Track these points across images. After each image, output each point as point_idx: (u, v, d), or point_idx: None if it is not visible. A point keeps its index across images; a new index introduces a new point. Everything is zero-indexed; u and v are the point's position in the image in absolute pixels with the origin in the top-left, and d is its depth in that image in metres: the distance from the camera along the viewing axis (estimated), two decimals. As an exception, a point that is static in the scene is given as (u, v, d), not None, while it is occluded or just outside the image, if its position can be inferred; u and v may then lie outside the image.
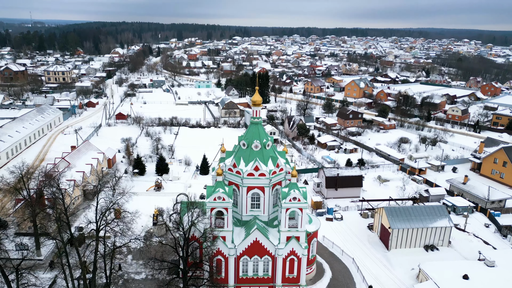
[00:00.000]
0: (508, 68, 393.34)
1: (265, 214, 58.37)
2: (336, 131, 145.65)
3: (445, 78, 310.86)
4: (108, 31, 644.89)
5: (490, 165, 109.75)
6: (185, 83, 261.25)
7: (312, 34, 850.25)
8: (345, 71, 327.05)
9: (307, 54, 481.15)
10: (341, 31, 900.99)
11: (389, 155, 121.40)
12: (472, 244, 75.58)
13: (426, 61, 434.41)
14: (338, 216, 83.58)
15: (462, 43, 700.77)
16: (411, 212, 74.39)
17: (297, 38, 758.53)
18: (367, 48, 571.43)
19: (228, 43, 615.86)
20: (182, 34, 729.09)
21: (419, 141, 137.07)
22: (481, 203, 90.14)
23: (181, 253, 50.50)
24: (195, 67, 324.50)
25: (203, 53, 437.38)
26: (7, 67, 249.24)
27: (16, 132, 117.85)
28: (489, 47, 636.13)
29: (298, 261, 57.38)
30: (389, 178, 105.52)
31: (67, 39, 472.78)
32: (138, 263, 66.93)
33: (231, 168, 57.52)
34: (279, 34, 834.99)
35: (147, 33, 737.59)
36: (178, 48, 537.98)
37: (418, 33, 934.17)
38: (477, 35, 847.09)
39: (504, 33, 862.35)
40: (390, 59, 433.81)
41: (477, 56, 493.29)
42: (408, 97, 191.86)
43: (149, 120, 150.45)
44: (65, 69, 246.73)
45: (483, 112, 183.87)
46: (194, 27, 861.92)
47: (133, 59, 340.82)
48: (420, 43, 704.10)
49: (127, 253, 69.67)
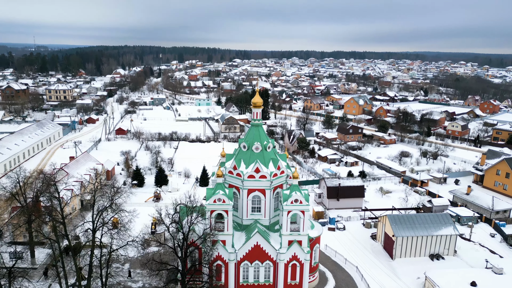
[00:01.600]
0: (506, 88, 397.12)
1: (266, 218, 57.05)
2: (337, 146, 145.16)
3: (443, 97, 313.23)
4: (110, 54, 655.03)
5: (493, 177, 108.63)
6: (185, 101, 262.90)
7: (310, 56, 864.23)
8: (344, 90, 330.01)
9: (306, 75, 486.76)
10: (339, 54, 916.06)
11: (390, 168, 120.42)
12: (478, 253, 73.70)
13: (424, 81, 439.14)
14: (340, 226, 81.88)
15: (458, 65, 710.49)
16: (415, 220, 72.89)
17: (296, 60, 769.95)
18: (365, 70, 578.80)
19: (228, 65, 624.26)
20: (183, 57, 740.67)
21: (420, 155, 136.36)
22: (485, 213, 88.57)
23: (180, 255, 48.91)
24: (196, 86, 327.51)
25: (204, 74, 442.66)
26: (8, 86, 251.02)
27: (15, 145, 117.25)
28: (485, 69, 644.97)
29: (301, 266, 55.61)
30: (391, 189, 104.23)
31: (69, 61, 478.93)
32: (135, 272, 65.08)
33: (231, 171, 56.64)
34: (278, 57, 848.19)
35: (148, 56, 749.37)
36: (179, 69, 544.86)
37: (415, 56, 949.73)
38: (473, 58, 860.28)
39: (500, 56, 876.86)
40: (388, 79, 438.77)
41: (474, 76, 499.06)
42: (407, 114, 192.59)
43: (149, 135, 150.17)
44: (66, 87, 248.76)
45: (482, 128, 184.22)
46: (195, 50, 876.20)
47: (134, 79, 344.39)
48: (417, 65, 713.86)
49: (123, 261, 68.00)
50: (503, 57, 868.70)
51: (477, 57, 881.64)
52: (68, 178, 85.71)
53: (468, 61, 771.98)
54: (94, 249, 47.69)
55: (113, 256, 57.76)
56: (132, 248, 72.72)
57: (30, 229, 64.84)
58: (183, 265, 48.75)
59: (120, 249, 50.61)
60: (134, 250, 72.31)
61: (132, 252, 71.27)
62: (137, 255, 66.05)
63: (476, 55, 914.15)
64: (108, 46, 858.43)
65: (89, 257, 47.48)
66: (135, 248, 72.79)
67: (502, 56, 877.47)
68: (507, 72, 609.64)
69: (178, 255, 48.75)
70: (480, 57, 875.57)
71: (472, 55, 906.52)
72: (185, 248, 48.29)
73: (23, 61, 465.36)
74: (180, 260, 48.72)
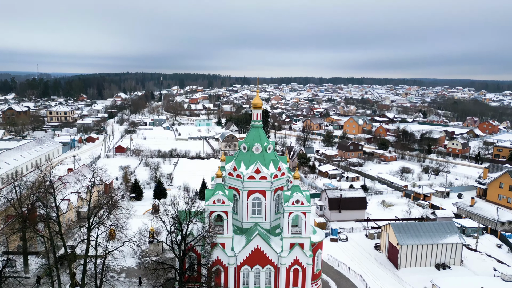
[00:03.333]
0: (504, 111, 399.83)
1: (267, 221, 55.57)
2: (337, 162, 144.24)
3: (442, 119, 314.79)
4: (111, 80, 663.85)
5: (496, 190, 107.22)
6: (185, 123, 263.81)
7: (309, 82, 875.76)
8: (343, 113, 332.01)
9: (305, 99, 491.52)
10: (337, 80, 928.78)
11: (392, 183, 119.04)
12: (486, 263, 71.55)
13: (422, 105, 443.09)
14: (343, 237, 79.94)
15: (456, 90, 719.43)
16: (419, 228, 71.23)
17: (295, 85, 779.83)
18: (364, 94, 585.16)
19: (229, 90, 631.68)
20: (184, 82, 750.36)
21: (422, 171, 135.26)
22: (490, 225, 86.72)
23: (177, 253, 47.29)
24: (196, 109, 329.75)
25: (204, 98, 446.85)
26: (10, 108, 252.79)
27: (13, 160, 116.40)
28: (482, 93, 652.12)
29: (303, 271, 53.65)
30: (394, 203, 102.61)
31: (71, 86, 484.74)
32: (132, 281, 62.90)
33: (231, 172, 55.71)
34: (278, 83, 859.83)
35: (149, 82, 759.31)
36: (180, 94, 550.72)
37: (413, 82, 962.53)
38: (469, 83, 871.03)
39: (496, 82, 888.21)
40: (386, 103, 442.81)
41: (471, 100, 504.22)
42: (407, 133, 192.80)
43: (148, 152, 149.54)
44: (67, 109, 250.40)
45: (483, 146, 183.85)
46: (195, 76, 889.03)
47: (135, 102, 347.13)
48: (415, 90, 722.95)
49: (120, 271, 65.84)
50: (499, 82, 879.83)
51: (474, 82, 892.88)
52: (66, 189, 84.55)
53: (465, 87, 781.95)
54: (89, 247, 46.08)
55: (109, 266, 56.03)
56: (129, 258, 71.65)
57: (24, 236, 63.25)
58: (181, 264, 47.01)
59: (116, 250, 48.79)
60: (131, 260, 70.89)
61: (129, 260, 69.53)
62: (134, 256, 63.92)
63: (473, 81, 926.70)
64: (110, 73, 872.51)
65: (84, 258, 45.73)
66: (131, 258, 71.99)
67: (499, 82, 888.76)
68: (504, 96, 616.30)
69: (176, 254, 47.13)
70: (477, 82, 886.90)
71: (469, 81, 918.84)
72: (184, 246, 46.75)
73: (26, 85, 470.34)
74: (178, 259, 47.04)
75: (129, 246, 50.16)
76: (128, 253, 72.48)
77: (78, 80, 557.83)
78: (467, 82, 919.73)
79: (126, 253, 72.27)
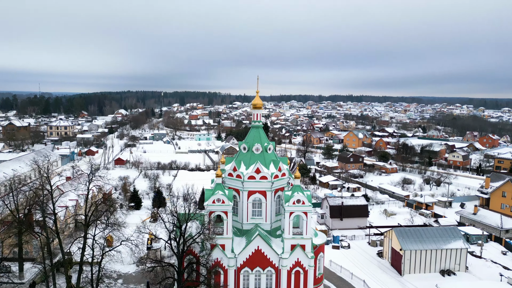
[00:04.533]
0: (503, 127, 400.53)
1: (267, 222, 54.55)
2: (338, 174, 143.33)
3: (442, 133, 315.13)
4: (112, 97, 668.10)
5: (499, 199, 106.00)
6: (186, 137, 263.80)
7: (308, 100, 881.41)
8: (342, 128, 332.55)
9: (304, 115, 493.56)
10: (336, 98, 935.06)
11: (394, 193, 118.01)
12: (491, 269, 70.01)
13: (421, 120, 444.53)
14: (345, 244, 78.47)
15: (454, 107, 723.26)
16: (422, 233, 70.00)
17: (295, 103, 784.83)
18: (363, 111, 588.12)
19: (229, 107, 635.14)
20: (184, 100, 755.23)
21: (423, 182, 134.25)
22: (495, 232, 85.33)
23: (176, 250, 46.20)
24: (196, 124, 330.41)
25: (204, 114, 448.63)
26: (10, 123, 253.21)
27: (11, 170, 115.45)
28: (481, 110, 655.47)
29: (305, 274, 52.27)
30: (396, 212, 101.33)
31: (72, 103, 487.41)
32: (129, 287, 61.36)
33: (231, 173, 55.04)
34: (277, 100, 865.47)
35: (150, 100, 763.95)
36: (180, 111, 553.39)
37: (411, 99, 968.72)
38: (468, 101, 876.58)
39: (494, 99, 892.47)
40: (386, 119, 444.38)
41: (470, 116, 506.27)
42: (407, 146, 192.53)
43: (148, 164, 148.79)
44: (67, 123, 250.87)
45: (483, 159, 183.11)
46: (196, 94, 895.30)
47: (136, 118, 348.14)
48: (414, 107, 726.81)
49: (117, 277, 64.39)
50: (498, 100, 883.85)
51: (472, 100, 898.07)
52: (64, 196, 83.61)
53: (463, 104, 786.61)
54: (86, 243, 45.09)
55: (106, 272, 54.81)
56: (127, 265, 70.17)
57: (21, 240, 62.07)
58: (179, 262, 45.83)
59: (113, 249, 47.71)
60: (129, 267, 69.39)
61: (127, 267, 68.17)
62: (130, 271, 62.60)
63: (471, 99, 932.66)
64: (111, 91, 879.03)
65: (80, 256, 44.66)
66: (129, 265, 70.49)
67: (497, 100, 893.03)
68: (503, 113, 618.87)
69: (175, 251, 46.06)
70: (475, 100, 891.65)
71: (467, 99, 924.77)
72: (183, 243, 45.73)
73: (27, 103, 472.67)
74: (177, 257, 45.93)
75: (127, 245, 48.94)
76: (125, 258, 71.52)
77: (79, 98, 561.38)
78: (466, 100, 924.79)
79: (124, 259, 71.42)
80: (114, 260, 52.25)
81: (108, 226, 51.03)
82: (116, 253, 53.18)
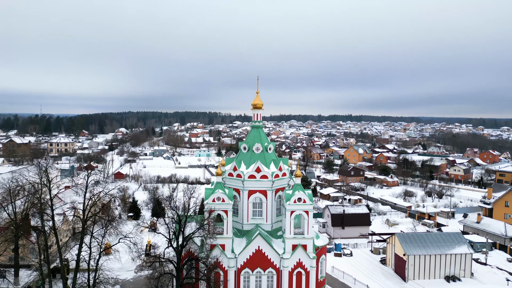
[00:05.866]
0: (503, 145, 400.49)
1: (268, 222, 53.75)
2: (339, 187, 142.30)
3: (442, 150, 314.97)
4: (113, 117, 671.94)
5: (502, 209, 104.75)
6: (186, 153, 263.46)
7: (308, 119, 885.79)
8: (342, 145, 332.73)
9: (304, 134, 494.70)
10: (336, 117, 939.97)
11: (395, 204, 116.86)
12: (497, 276, 68.37)
13: (421, 138, 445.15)
14: (347, 252, 77.02)
15: (454, 126, 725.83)
16: (426, 238, 68.84)
17: (294, 122, 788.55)
18: (362, 130, 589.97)
19: (229, 126, 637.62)
20: (184, 120, 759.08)
21: (425, 194, 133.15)
22: (499, 240, 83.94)
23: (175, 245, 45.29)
24: (196, 142, 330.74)
25: (205, 133, 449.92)
26: (10, 140, 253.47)
27: (10, 182, 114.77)
28: (480, 129, 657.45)
29: (306, 275, 51.05)
30: (398, 221, 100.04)
31: (73, 122, 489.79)
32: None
33: (231, 173, 54.65)
34: (277, 120, 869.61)
35: (151, 120, 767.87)
36: (181, 130, 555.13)
37: (410, 119, 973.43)
38: (467, 120, 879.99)
39: (493, 119, 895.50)
40: (385, 137, 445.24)
41: (470, 134, 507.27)
42: (408, 161, 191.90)
43: (148, 178, 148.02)
44: (68, 140, 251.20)
45: (485, 173, 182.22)
46: (196, 114, 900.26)
47: (136, 136, 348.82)
48: (413, 126, 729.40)
49: (114, 283, 62.81)
50: (496, 120, 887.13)
51: (471, 120, 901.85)
52: (62, 204, 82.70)
53: (462, 123, 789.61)
54: (84, 236, 44.29)
55: (103, 279, 53.59)
56: (124, 271, 68.62)
57: (17, 244, 60.98)
58: (178, 258, 44.83)
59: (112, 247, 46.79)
60: (126, 273, 67.85)
61: (125, 273, 66.73)
62: (128, 277, 61.08)
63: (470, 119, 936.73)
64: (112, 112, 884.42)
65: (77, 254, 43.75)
66: (126, 272, 68.93)
67: (496, 120, 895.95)
68: (502, 131, 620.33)
69: (173, 246, 45.16)
70: (474, 120, 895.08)
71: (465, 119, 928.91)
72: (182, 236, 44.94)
73: (28, 122, 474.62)
74: (176, 252, 44.98)
75: (125, 243, 48.10)
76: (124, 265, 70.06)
77: (80, 117, 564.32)
78: (464, 120, 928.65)
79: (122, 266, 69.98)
80: (113, 260, 50.93)
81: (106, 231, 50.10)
82: (114, 253, 51.86)
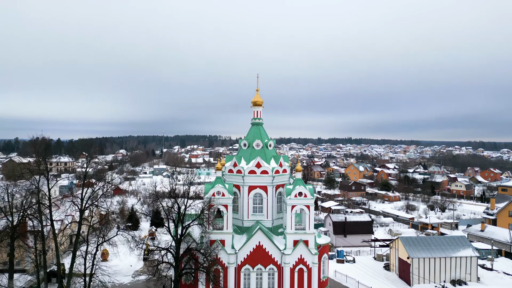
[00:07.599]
0: (503, 165, 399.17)
1: (269, 219, 52.92)
2: (340, 201, 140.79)
3: (443, 170, 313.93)
4: (114, 141, 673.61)
5: (506, 220, 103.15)
6: (185, 173, 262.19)
7: (308, 142, 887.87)
8: (343, 165, 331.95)
9: (304, 156, 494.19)
10: (335, 140, 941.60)
11: (398, 216, 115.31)
12: (504, 281, 66.73)
13: (422, 160, 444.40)
14: (350, 259, 75.35)
15: (453, 148, 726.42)
16: (429, 241, 67.51)
17: (294, 145, 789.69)
18: (362, 152, 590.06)
19: (229, 149, 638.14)
20: (185, 143, 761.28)
21: (427, 207, 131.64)
22: (505, 248, 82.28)
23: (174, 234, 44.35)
24: (196, 162, 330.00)
25: (205, 154, 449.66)
26: (10, 159, 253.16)
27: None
28: (480, 151, 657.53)
29: (308, 272, 49.74)
30: (401, 232, 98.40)
31: (73, 144, 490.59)
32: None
33: (231, 169, 54.34)
34: (277, 143, 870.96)
35: (151, 143, 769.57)
36: (181, 153, 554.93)
37: (410, 142, 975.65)
38: (466, 143, 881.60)
39: (493, 143, 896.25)
40: (386, 158, 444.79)
41: (470, 154, 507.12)
42: (409, 178, 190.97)
43: (147, 193, 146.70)
44: (67, 159, 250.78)
45: (487, 189, 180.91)
46: (196, 137, 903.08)
47: (136, 156, 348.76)
48: (413, 149, 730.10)
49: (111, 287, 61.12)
50: (496, 143, 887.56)
51: (470, 143, 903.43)
52: (60, 212, 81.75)
53: (462, 146, 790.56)
54: (81, 226, 43.48)
55: (99, 284, 52.37)
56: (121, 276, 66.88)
57: (12, 245, 59.64)
58: (177, 247, 43.83)
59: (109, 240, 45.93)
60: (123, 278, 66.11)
61: (121, 278, 65.12)
62: (125, 282, 59.48)
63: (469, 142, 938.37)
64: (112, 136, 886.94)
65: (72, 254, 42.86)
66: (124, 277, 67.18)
67: (496, 143, 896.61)
68: (502, 153, 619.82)
69: (172, 234, 44.28)
70: (473, 143, 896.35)
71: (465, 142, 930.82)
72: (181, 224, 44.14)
73: (28, 144, 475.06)
74: (175, 241, 44.03)
75: (123, 235, 47.22)
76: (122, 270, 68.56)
77: (81, 140, 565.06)
78: (464, 143, 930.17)
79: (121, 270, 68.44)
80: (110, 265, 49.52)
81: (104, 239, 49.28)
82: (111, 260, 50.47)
